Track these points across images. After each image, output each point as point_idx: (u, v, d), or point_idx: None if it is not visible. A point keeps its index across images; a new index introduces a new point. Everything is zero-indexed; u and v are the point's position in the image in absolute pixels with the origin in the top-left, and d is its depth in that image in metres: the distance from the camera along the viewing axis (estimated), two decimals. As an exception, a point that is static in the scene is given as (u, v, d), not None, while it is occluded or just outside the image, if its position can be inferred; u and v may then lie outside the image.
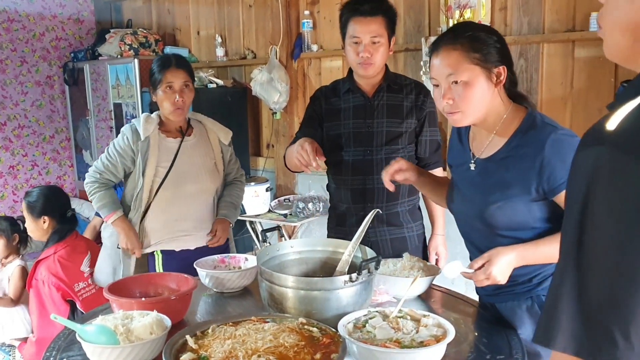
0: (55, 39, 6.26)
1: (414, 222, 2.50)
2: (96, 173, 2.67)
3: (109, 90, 5.52)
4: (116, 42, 5.40)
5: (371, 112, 2.42)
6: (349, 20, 2.34)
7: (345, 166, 2.43)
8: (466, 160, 1.78)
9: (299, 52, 4.64)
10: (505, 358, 1.48)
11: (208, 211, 2.76)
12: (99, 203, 2.66)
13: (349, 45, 2.35)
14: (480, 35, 1.63)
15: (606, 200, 0.74)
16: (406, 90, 2.46)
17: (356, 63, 2.35)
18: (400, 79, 2.51)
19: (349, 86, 2.45)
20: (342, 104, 2.46)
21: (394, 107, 2.43)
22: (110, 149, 2.67)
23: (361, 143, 2.41)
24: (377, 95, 2.43)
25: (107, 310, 1.74)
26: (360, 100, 2.44)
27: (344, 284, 1.57)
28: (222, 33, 5.35)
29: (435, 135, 2.53)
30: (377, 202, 2.40)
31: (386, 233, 2.43)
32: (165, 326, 1.52)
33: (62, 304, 2.87)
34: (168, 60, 2.63)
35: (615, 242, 0.73)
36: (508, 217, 1.64)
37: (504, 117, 1.67)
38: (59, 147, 6.43)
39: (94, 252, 3.09)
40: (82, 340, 1.43)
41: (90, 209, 5.90)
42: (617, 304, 0.73)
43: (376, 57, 2.32)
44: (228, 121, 4.77)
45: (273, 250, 1.88)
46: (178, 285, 1.86)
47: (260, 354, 1.31)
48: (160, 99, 2.60)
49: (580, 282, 0.76)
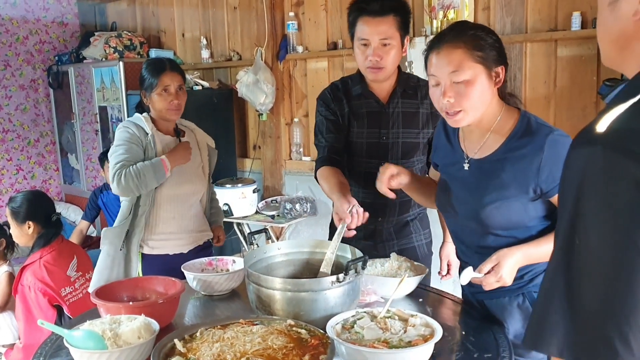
0: (39, 42, 6.22)
1: (422, 230, 2.42)
2: (122, 163, 2.50)
3: (94, 93, 5.49)
4: (101, 45, 5.37)
5: (387, 121, 2.26)
6: (357, 20, 2.17)
7: (357, 177, 2.29)
8: (458, 161, 1.78)
9: (285, 53, 4.65)
10: (492, 356, 1.50)
11: (200, 213, 2.80)
12: (148, 172, 2.49)
13: (357, 47, 2.19)
14: (481, 34, 1.62)
15: (598, 200, 0.74)
16: (421, 93, 2.29)
17: (365, 67, 2.19)
18: (413, 79, 2.34)
19: (361, 90, 2.28)
20: (356, 109, 2.29)
21: (410, 115, 2.27)
22: (119, 144, 2.56)
23: (376, 155, 2.26)
24: (392, 101, 2.27)
25: (94, 315, 1.73)
26: (375, 107, 2.28)
27: (332, 284, 1.57)
28: (207, 35, 5.34)
29: None
30: (389, 216, 2.31)
31: (395, 246, 2.31)
32: (153, 330, 1.51)
33: (48, 309, 2.85)
34: (162, 64, 2.65)
35: (609, 242, 0.73)
36: (504, 217, 1.64)
37: (499, 118, 1.67)
38: (44, 151, 6.38)
39: (80, 257, 3.07)
40: (69, 346, 1.43)
41: (77, 213, 5.88)
42: (613, 308, 0.72)
43: (386, 60, 2.15)
44: (214, 123, 4.82)
45: (260, 253, 1.88)
46: (165, 288, 1.86)
47: (248, 357, 1.31)
48: (155, 102, 2.61)
49: (572, 284, 0.76)
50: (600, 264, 0.73)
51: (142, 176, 2.48)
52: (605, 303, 0.73)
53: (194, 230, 2.74)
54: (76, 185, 6.14)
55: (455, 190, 1.78)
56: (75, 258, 3.02)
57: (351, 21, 2.20)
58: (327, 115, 2.29)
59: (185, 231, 2.71)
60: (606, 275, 0.73)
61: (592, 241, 0.74)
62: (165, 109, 2.61)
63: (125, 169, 2.48)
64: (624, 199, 0.72)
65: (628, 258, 0.71)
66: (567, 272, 0.77)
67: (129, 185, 2.47)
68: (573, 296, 0.75)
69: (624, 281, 0.71)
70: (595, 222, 0.74)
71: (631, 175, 0.71)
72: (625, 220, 0.72)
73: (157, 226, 2.66)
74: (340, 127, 2.28)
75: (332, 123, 2.28)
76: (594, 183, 0.75)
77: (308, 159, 4.71)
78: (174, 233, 2.68)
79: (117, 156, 2.54)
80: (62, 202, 6.30)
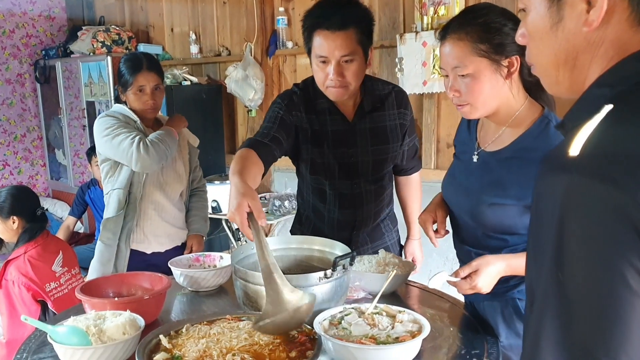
0: (25, 36, 6.16)
1: (393, 228, 2.38)
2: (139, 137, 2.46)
3: (82, 88, 5.44)
4: (88, 39, 5.32)
5: (353, 139, 2.10)
6: (313, 34, 1.92)
7: (331, 198, 2.19)
8: (470, 150, 1.73)
9: (274, 49, 4.63)
10: (480, 353, 1.49)
11: (180, 210, 2.78)
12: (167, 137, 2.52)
13: (315, 64, 1.96)
14: (493, 22, 1.51)
15: (581, 232, 0.71)
16: (387, 103, 2.13)
17: (325, 87, 1.97)
18: (378, 87, 2.15)
19: (327, 105, 2.08)
20: (320, 125, 2.10)
21: (378, 130, 2.12)
22: (114, 127, 2.49)
23: (347, 175, 2.14)
24: (359, 118, 2.10)
25: (79, 310, 1.71)
26: (340, 125, 2.10)
27: (319, 280, 1.56)
28: (196, 30, 5.31)
29: (413, 141, 2.31)
30: (363, 228, 2.24)
31: (369, 250, 2.24)
32: (139, 326, 1.50)
33: (32, 305, 2.83)
34: (139, 62, 2.58)
35: (594, 276, 0.70)
36: (498, 219, 1.60)
37: (517, 113, 1.59)
38: (30, 147, 6.33)
39: (65, 252, 3.04)
40: (53, 342, 1.41)
41: (64, 209, 5.84)
42: (605, 344, 0.69)
43: (349, 78, 1.93)
44: (203, 119, 4.80)
45: (248, 249, 1.86)
46: (152, 284, 1.84)
47: (235, 353, 1.30)
48: (131, 100, 2.58)
49: (561, 323, 0.72)
50: (588, 300, 0.70)
51: (164, 142, 2.47)
52: (597, 339, 0.70)
53: (172, 231, 2.73)
54: (63, 181, 6.10)
55: (460, 179, 1.75)
56: (60, 253, 3.00)
57: (307, 35, 1.96)
58: (284, 116, 2.05)
59: (163, 232, 2.70)
60: (595, 311, 0.70)
61: (577, 276, 0.71)
62: (141, 108, 2.59)
63: (146, 140, 2.45)
64: (607, 228, 0.68)
65: (616, 291, 0.69)
66: (554, 311, 0.73)
67: (157, 153, 2.45)
68: (564, 336, 0.72)
69: (614, 315, 0.69)
70: (580, 255, 0.71)
71: (612, 203, 0.68)
72: (610, 250, 0.68)
73: (153, 221, 2.67)
74: (290, 135, 2.06)
75: (287, 127, 2.05)
76: (575, 216, 0.71)
77: (297, 155, 4.68)
78: (152, 232, 2.67)
79: (124, 135, 2.45)
80: (49, 197, 6.25)
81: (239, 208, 1.52)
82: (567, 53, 0.85)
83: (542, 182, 0.78)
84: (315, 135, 2.10)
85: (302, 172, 2.25)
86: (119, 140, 2.45)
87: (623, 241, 0.68)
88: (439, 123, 3.91)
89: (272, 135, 1.98)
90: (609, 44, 0.81)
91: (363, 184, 2.17)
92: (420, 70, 3.73)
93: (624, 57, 0.80)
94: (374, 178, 2.19)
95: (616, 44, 0.80)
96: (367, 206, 2.21)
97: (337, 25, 1.87)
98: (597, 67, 0.83)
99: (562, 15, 0.84)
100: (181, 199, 2.79)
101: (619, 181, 0.68)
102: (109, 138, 2.48)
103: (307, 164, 2.17)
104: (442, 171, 3.78)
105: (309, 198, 2.29)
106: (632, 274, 0.68)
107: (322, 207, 2.24)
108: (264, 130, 2.01)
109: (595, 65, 0.83)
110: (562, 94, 0.91)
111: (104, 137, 2.49)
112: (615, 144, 0.72)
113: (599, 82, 0.81)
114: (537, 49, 0.90)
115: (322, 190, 2.21)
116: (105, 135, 2.49)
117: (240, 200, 1.54)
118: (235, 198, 1.56)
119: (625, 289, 0.68)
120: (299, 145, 2.13)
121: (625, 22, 0.80)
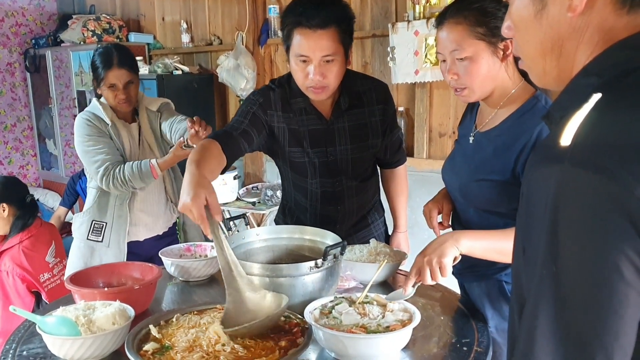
0: (15, 25, 6.09)
1: (379, 219, 2.36)
2: (105, 166, 2.46)
3: (72, 77, 5.41)
4: (79, 28, 5.28)
5: (331, 138, 2.07)
6: (293, 33, 1.88)
7: (313, 196, 2.17)
8: (468, 133, 1.78)
9: (266, 38, 4.60)
10: (470, 342, 1.49)
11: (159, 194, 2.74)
12: (135, 179, 2.45)
13: (294, 63, 1.91)
14: (489, 6, 1.56)
15: (576, 223, 0.70)
16: (367, 99, 2.09)
17: (306, 87, 1.93)
18: (357, 83, 2.10)
19: (303, 105, 2.03)
20: (297, 125, 2.06)
21: (357, 128, 2.09)
22: (87, 140, 2.50)
23: (327, 174, 2.12)
24: (336, 116, 2.06)
25: (69, 301, 1.70)
26: (317, 124, 2.06)
27: (310, 270, 1.56)
28: (188, 19, 5.27)
29: (396, 134, 2.25)
30: (347, 222, 2.22)
31: (355, 240, 2.18)
32: (128, 316, 1.49)
33: (27, 295, 2.82)
34: (109, 59, 2.53)
35: (590, 267, 0.69)
36: (483, 194, 1.64)
37: (511, 94, 1.63)
38: (21, 136, 6.28)
39: (58, 242, 3.04)
40: (42, 332, 1.40)
41: (55, 199, 5.81)
42: (600, 337, 0.69)
43: (330, 78, 1.89)
44: (194, 108, 4.77)
45: (239, 239, 1.85)
46: (142, 274, 1.83)
47: (224, 343, 1.30)
48: (105, 95, 2.57)
49: (559, 317, 0.72)
50: (583, 291, 0.70)
51: (130, 181, 2.47)
52: (592, 332, 0.69)
53: (149, 220, 2.72)
54: (54, 171, 6.07)
55: (456, 159, 1.79)
56: (53, 244, 3.00)
57: (286, 33, 1.91)
58: (256, 112, 2.02)
59: (138, 220, 2.69)
60: (590, 303, 0.69)
61: (571, 268, 0.70)
62: (114, 103, 2.57)
63: (112, 173, 2.45)
64: (601, 219, 0.68)
65: (610, 282, 0.68)
66: (549, 303, 0.72)
67: (117, 188, 2.49)
68: (559, 329, 0.71)
69: (608, 307, 0.68)
70: (574, 246, 0.70)
71: (606, 194, 0.67)
72: (604, 241, 0.68)
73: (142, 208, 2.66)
74: (262, 132, 2.03)
75: (259, 124, 2.01)
76: (569, 206, 0.70)
77: (289, 145, 4.67)
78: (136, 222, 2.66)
79: (93, 155, 2.49)
80: (40, 188, 6.21)
81: (196, 199, 1.43)
82: (553, 41, 0.84)
83: (533, 173, 0.77)
84: (292, 134, 2.07)
85: (282, 168, 2.23)
86: (87, 160, 2.52)
87: (617, 232, 0.67)
88: (431, 112, 3.90)
89: (242, 129, 1.95)
90: (594, 30, 0.80)
91: (345, 180, 2.15)
92: (412, 59, 3.72)
93: (610, 43, 0.79)
94: (355, 175, 2.16)
95: (601, 29, 0.80)
96: (349, 202, 2.19)
97: (319, 23, 1.82)
98: (583, 54, 0.82)
99: (545, 2, 0.83)
100: (161, 184, 2.73)
101: (613, 172, 0.67)
102: (80, 151, 2.55)
103: (286, 162, 2.15)
104: (434, 161, 3.81)
105: (290, 191, 2.27)
106: (627, 265, 0.67)
107: (304, 201, 2.22)
108: (234, 124, 1.97)
109: (581, 53, 0.82)
110: (551, 85, 0.90)
111: (78, 146, 2.56)
112: (607, 133, 0.71)
113: (586, 71, 0.80)
114: (522, 39, 0.89)
115: (303, 187, 2.18)
116: (78, 144, 2.55)
117: (197, 190, 1.45)
118: (192, 189, 1.46)
119: (620, 281, 0.67)
120: (273, 144, 2.10)
121: (610, 5, 0.79)
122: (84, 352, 1.37)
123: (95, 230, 2.62)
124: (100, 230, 2.62)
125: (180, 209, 1.47)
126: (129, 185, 2.46)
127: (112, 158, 2.48)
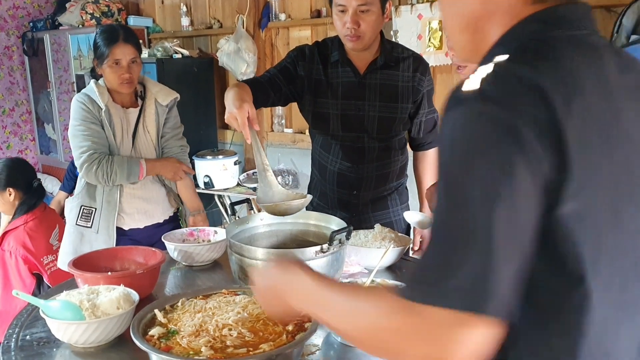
0: (12, 8, 6.03)
1: (401, 204, 2.36)
2: (89, 153, 2.42)
3: (71, 61, 5.36)
4: (77, 11, 5.22)
5: (362, 92, 2.16)
6: None
7: (334, 150, 2.24)
8: None
9: (267, 21, 4.56)
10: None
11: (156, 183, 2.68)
12: (121, 175, 2.44)
13: (335, 13, 2.07)
14: None
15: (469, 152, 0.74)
16: (403, 65, 2.18)
17: (343, 35, 2.08)
18: (397, 50, 2.22)
19: (339, 57, 2.17)
20: (331, 78, 2.19)
21: (389, 88, 2.17)
22: (78, 124, 2.47)
23: (351, 128, 2.19)
24: (370, 72, 2.16)
25: (72, 285, 1.69)
26: (351, 77, 2.17)
27: (315, 255, 1.55)
28: (187, 2, 5.22)
29: (432, 114, 2.31)
30: (364, 190, 2.25)
31: (372, 220, 2.23)
32: (133, 301, 1.48)
33: (28, 277, 2.82)
34: (115, 34, 2.48)
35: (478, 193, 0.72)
36: None
37: None
38: (19, 121, 6.24)
39: (62, 226, 3.02)
40: (46, 317, 1.39)
41: (55, 184, 5.79)
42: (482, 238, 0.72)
43: (364, 28, 2.02)
44: (194, 93, 4.74)
45: (243, 224, 1.85)
46: (145, 259, 1.82)
47: (230, 327, 1.29)
48: (107, 74, 2.49)
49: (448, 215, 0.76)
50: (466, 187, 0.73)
51: (115, 174, 2.43)
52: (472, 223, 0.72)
53: (149, 207, 2.65)
54: (53, 156, 6.03)
55: None
56: (57, 227, 2.99)
57: None
58: (288, 65, 2.21)
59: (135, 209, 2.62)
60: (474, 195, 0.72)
61: (461, 195, 0.74)
62: (117, 82, 2.49)
63: (96, 163, 2.41)
64: (495, 146, 0.72)
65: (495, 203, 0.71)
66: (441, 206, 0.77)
67: (96, 178, 2.44)
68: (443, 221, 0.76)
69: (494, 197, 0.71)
70: (465, 174, 0.73)
71: (502, 123, 0.72)
72: (495, 168, 0.71)
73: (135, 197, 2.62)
74: (293, 82, 2.19)
75: (289, 75, 2.19)
76: (464, 136, 0.74)
77: (290, 130, 4.66)
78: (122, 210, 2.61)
79: (80, 140, 2.44)
80: (39, 172, 6.18)
81: (242, 109, 1.72)
82: (469, 17, 0.90)
83: (442, 122, 0.80)
84: (325, 85, 2.19)
85: (311, 122, 2.29)
86: (74, 144, 2.48)
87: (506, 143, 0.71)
88: (435, 96, 3.87)
89: (271, 78, 2.14)
90: (503, 12, 0.86)
91: (367, 139, 2.20)
92: (415, 43, 3.69)
93: None
94: (379, 136, 2.21)
95: (510, 13, 0.85)
96: (369, 164, 2.21)
97: None
98: (495, 33, 0.87)
99: None
100: None
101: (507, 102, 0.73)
102: (70, 133, 2.50)
103: (315, 113, 2.24)
104: (436, 145, 3.78)
105: (316, 155, 2.36)
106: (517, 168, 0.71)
107: (326, 157, 2.28)
108: (265, 73, 2.18)
109: (493, 31, 0.87)
110: (469, 58, 0.94)
111: (70, 128, 2.52)
112: (507, 75, 0.76)
113: (498, 43, 0.86)
114: (445, 14, 0.96)
115: (327, 141, 2.27)
116: (70, 126, 2.52)
117: (242, 103, 1.74)
118: (238, 100, 1.76)
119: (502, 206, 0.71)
120: (303, 95, 2.23)
121: None
122: (89, 336, 1.36)
123: (84, 216, 2.57)
124: (90, 216, 2.57)
125: (227, 119, 1.76)
126: (111, 178, 2.43)
127: (99, 148, 2.45)
